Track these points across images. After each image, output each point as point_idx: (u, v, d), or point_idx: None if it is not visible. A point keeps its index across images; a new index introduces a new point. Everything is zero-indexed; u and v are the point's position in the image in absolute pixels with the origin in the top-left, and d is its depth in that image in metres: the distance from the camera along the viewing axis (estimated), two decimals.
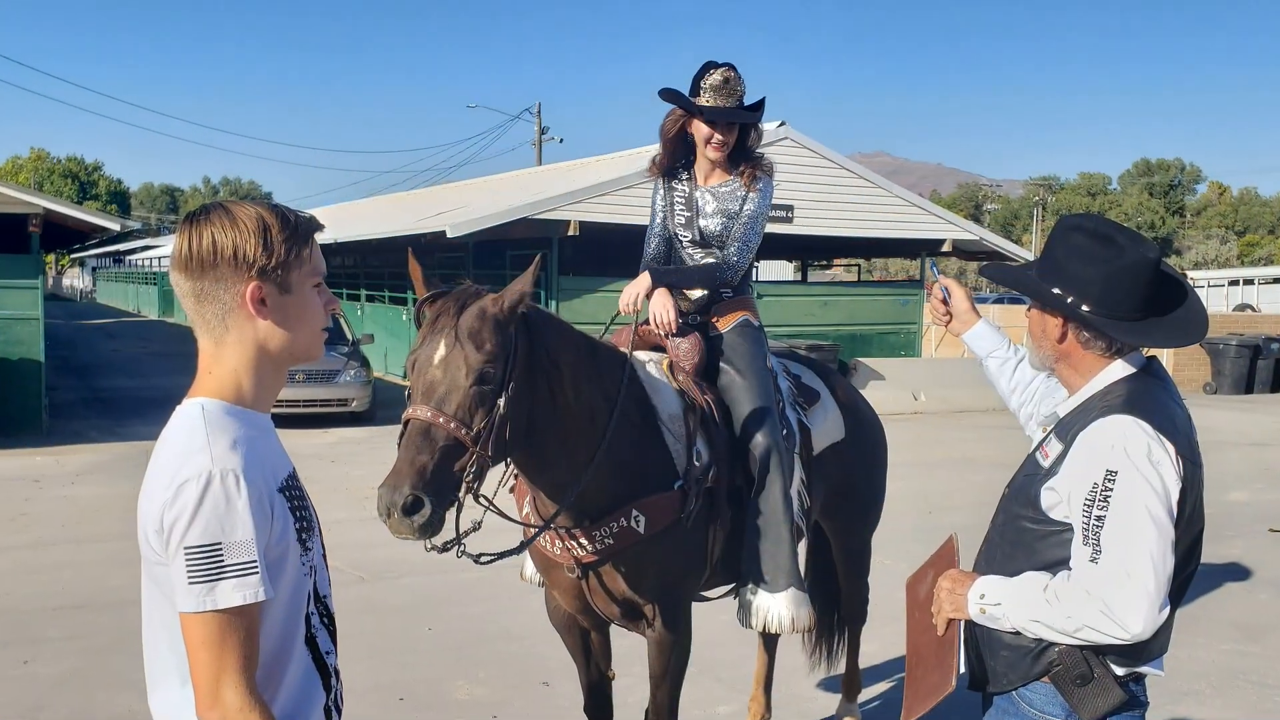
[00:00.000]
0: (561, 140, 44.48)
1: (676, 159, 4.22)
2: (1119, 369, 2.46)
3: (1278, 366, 23.41)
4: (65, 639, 6.27)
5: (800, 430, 4.22)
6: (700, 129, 4.03)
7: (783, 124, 18.52)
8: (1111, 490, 2.26)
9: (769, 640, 4.96)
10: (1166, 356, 20.50)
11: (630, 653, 4.88)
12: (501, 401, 3.03)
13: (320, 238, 1.95)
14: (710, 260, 4.14)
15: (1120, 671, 2.38)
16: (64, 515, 9.56)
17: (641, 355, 3.90)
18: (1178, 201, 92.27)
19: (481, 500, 3.12)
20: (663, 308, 3.95)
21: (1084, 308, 2.42)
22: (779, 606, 3.82)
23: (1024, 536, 2.47)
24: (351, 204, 41.69)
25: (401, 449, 2.93)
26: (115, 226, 16.93)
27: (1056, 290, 2.45)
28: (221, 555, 1.69)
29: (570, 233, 17.27)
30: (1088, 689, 2.36)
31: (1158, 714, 4.11)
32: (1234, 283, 43.36)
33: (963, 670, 2.48)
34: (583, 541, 3.54)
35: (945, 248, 21.20)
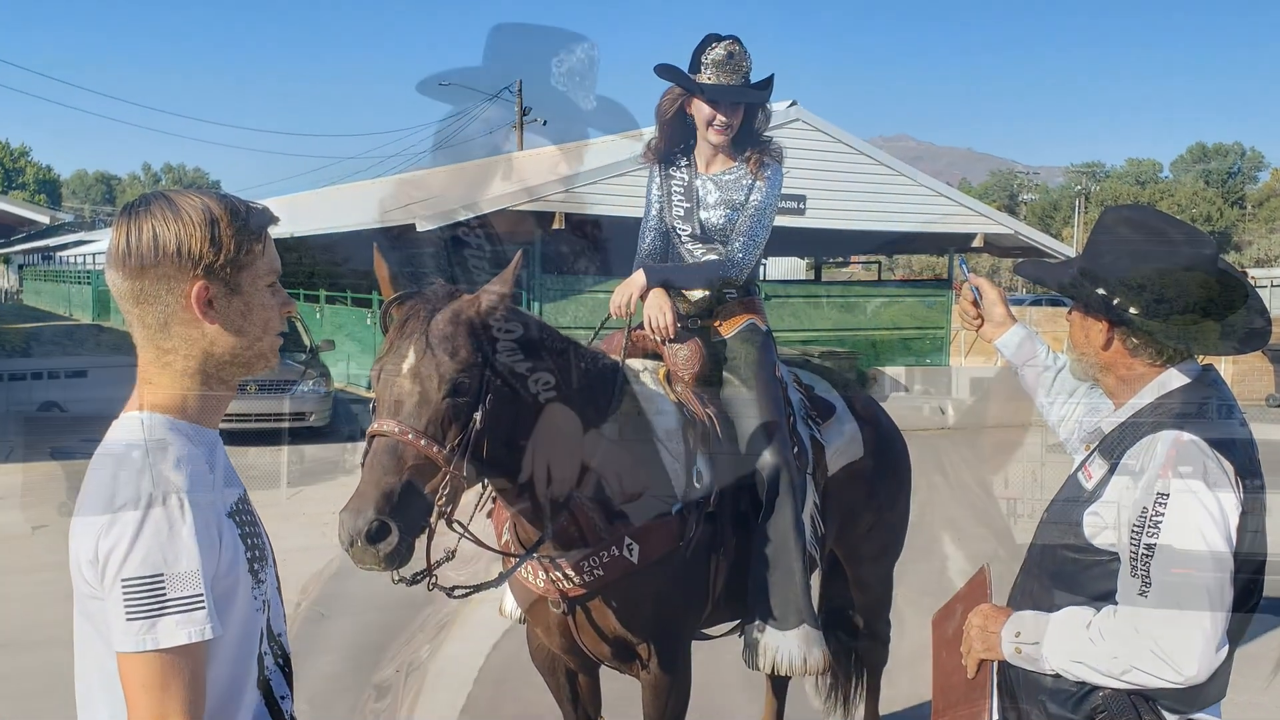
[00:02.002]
0: (545, 122, 44.50)
1: (675, 143, 4.22)
2: (1171, 379, 2.46)
3: None
4: None
5: (813, 448, 4.22)
6: (701, 110, 4.04)
7: (794, 104, 18.58)
8: (1163, 515, 2.27)
9: (778, 683, 4.96)
10: (1225, 365, 20.54)
11: (622, 697, 4.87)
12: (477, 415, 3.03)
13: (275, 231, 1.95)
14: (712, 257, 4.14)
15: (1172, 719, 2.38)
16: None
17: (635, 363, 3.91)
18: (1237, 191, 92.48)
19: (455, 526, 3.11)
20: (659, 310, 3.95)
21: (1131, 311, 2.42)
22: (789, 645, 3.82)
23: (1065, 567, 2.47)
24: (310, 193, 41.68)
25: (366, 469, 2.93)
26: (44, 219, 16.95)
27: (1101, 291, 2.46)
28: (163, 588, 1.68)
29: (555, 226, 17.27)
30: None
31: None
32: None
33: (996, 717, 2.49)
34: (569, 572, 3.54)
35: (976, 243, 21.26)
